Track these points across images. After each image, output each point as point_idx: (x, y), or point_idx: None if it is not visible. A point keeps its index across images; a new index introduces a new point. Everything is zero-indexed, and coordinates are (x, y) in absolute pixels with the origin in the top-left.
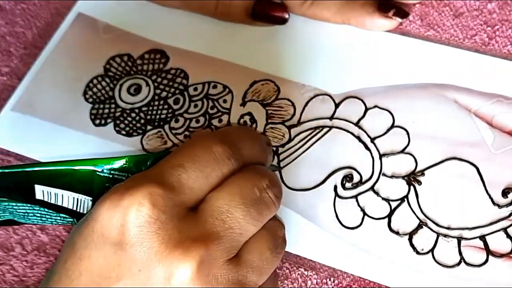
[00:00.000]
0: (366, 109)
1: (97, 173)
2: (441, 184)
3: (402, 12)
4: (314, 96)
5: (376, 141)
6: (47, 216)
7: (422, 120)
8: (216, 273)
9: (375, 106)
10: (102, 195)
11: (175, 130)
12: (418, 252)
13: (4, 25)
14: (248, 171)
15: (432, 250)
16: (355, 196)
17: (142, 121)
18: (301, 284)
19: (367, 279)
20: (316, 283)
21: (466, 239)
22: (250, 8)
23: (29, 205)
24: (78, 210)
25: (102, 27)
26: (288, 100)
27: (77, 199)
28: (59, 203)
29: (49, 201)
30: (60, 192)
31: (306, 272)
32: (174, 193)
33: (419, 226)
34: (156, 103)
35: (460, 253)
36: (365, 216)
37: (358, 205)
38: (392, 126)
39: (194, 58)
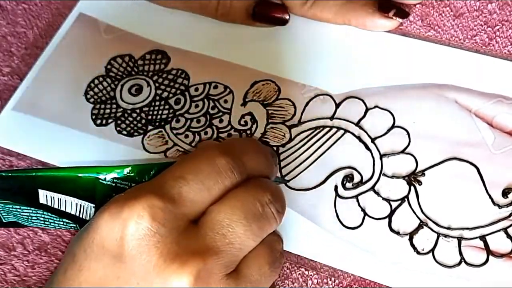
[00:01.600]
0: (367, 109)
1: (100, 180)
2: (442, 184)
3: (403, 12)
4: (315, 96)
5: (376, 141)
6: (50, 220)
7: (422, 121)
8: (214, 287)
9: (376, 106)
10: (103, 204)
11: (176, 130)
12: (418, 252)
13: (5, 25)
14: (251, 185)
15: (432, 250)
16: (356, 196)
17: (143, 121)
18: (302, 284)
19: (367, 279)
20: (317, 282)
21: (466, 239)
22: (250, 9)
23: (33, 208)
24: (81, 216)
25: (103, 28)
26: (289, 100)
27: (80, 205)
28: (62, 209)
29: (52, 206)
30: (63, 197)
31: (306, 272)
32: (175, 206)
33: (420, 226)
34: (157, 103)
35: (461, 253)
36: (366, 216)
37: (359, 205)
38: (393, 126)
39: (195, 59)
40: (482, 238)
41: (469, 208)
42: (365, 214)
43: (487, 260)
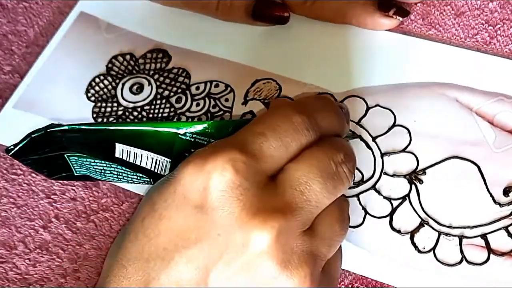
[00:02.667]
0: (368, 108)
1: (179, 135)
2: (443, 183)
3: (403, 11)
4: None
5: (377, 139)
6: (123, 175)
7: (423, 119)
8: (292, 243)
9: (377, 105)
10: (185, 158)
11: None
12: (419, 251)
13: (6, 24)
14: (325, 144)
15: (433, 249)
16: (357, 195)
17: (144, 119)
18: None
19: (369, 278)
20: None
21: (467, 237)
22: (250, 8)
23: (107, 162)
24: (155, 170)
25: (104, 26)
26: (290, 98)
27: (156, 159)
28: (138, 163)
29: (128, 160)
30: (139, 152)
31: None
32: (256, 161)
33: (421, 225)
34: (158, 102)
35: (462, 252)
36: (367, 215)
37: (360, 203)
38: (394, 125)
39: (196, 58)
40: (483, 236)
41: (470, 207)
42: (366, 212)
43: (488, 259)
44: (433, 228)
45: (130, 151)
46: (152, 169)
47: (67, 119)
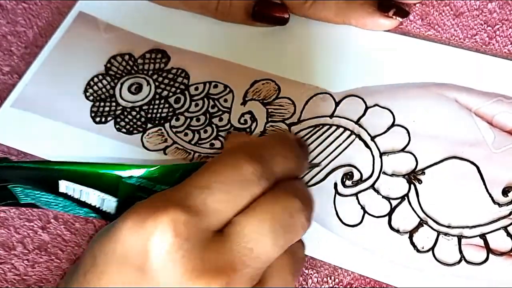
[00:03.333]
0: (367, 108)
1: (123, 179)
2: (442, 183)
3: (402, 12)
4: (315, 95)
5: (376, 139)
6: (69, 208)
7: (422, 119)
8: None
9: (376, 105)
10: (127, 202)
11: (175, 129)
12: (418, 251)
13: (5, 25)
14: (280, 192)
15: (432, 249)
16: (356, 194)
17: (143, 119)
18: (302, 282)
19: (367, 277)
20: (317, 281)
21: (466, 237)
22: (250, 8)
23: (52, 195)
24: (101, 208)
25: (103, 27)
26: (289, 98)
27: (102, 198)
28: (83, 199)
29: (73, 196)
30: (85, 189)
31: (306, 271)
32: (199, 218)
33: (420, 225)
34: (157, 102)
35: (461, 252)
36: (366, 214)
37: (359, 203)
38: (393, 125)
39: (195, 58)
40: (482, 236)
41: (469, 207)
42: (365, 212)
43: (487, 259)
44: (432, 228)
45: (75, 188)
46: (99, 206)
47: (65, 118)
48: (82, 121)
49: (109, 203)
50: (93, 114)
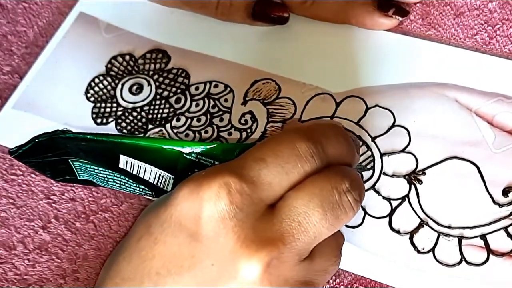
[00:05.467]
0: (367, 108)
1: (184, 155)
2: (442, 183)
3: (402, 11)
4: (315, 95)
5: (377, 140)
6: (126, 184)
7: (423, 120)
8: (286, 274)
9: (376, 105)
10: (184, 179)
11: (176, 129)
12: (419, 251)
13: (5, 24)
14: (330, 172)
15: (433, 249)
16: None
17: (144, 120)
18: None
19: (368, 278)
20: None
21: (467, 238)
22: (250, 8)
23: (111, 171)
24: (158, 185)
25: (104, 27)
26: (289, 99)
27: (159, 174)
28: (141, 175)
29: (131, 171)
30: (143, 165)
31: None
32: (253, 188)
33: (420, 225)
34: (158, 102)
35: (461, 252)
36: (366, 215)
37: None
38: (393, 125)
39: (195, 58)
40: (483, 237)
41: (470, 207)
42: (366, 212)
43: (487, 259)
44: (432, 229)
45: (134, 164)
46: (155, 183)
47: (66, 119)
48: (84, 123)
49: (166, 180)
50: (94, 115)
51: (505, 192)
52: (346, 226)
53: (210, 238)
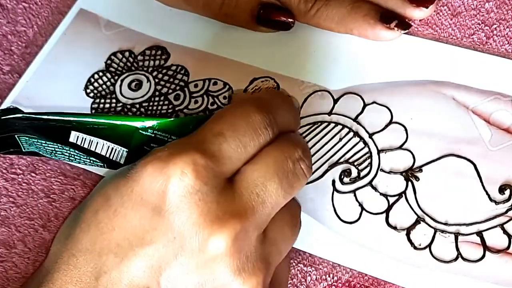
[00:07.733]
0: (365, 105)
1: (139, 131)
2: (439, 180)
3: (404, 24)
4: (313, 92)
5: (374, 136)
6: (75, 157)
7: (420, 117)
8: (247, 250)
9: (374, 102)
10: (143, 151)
11: None
12: (415, 247)
13: (5, 24)
14: (282, 142)
15: (429, 246)
16: (353, 191)
17: (143, 116)
18: (301, 280)
19: (366, 274)
20: (316, 278)
21: (463, 234)
22: (255, 11)
23: (59, 145)
24: (111, 157)
25: (104, 24)
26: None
27: (112, 148)
28: (92, 149)
29: (82, 145)
30: (95, 139)
31: (305, 268)
32: (215, 163)
33: (417, 222)
34: (157, 98)
35: (457, 249)
36: (363, 211)
37: (356, 200)
38: (390, 122)
39: (195, 55)
40: (479, 233)
41: (466, 204)
42: (363, 209)
43: (483, 256)
44: (429, 225)
45: (85, 138)
46: (107, 156)
47: None
48: None
49: (119, 153)
50: (93, 111)
51: (501, 190)
52: (344, 222)
53: (174, 212)
